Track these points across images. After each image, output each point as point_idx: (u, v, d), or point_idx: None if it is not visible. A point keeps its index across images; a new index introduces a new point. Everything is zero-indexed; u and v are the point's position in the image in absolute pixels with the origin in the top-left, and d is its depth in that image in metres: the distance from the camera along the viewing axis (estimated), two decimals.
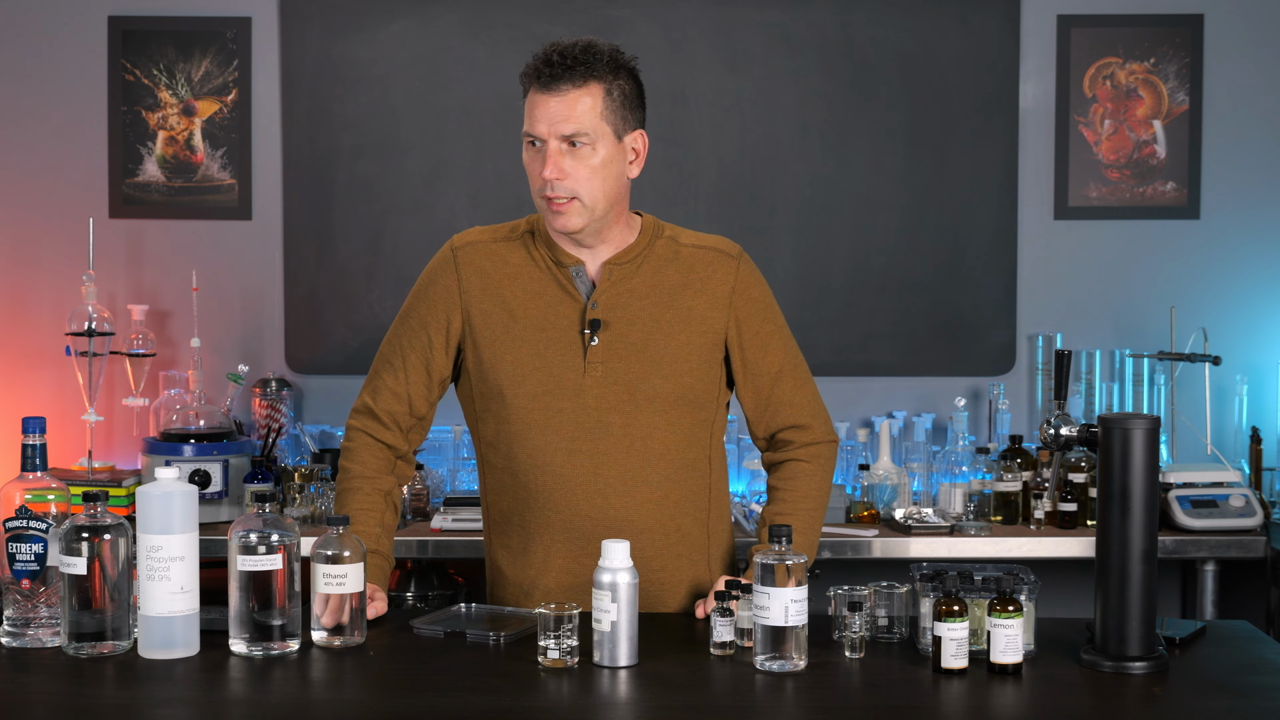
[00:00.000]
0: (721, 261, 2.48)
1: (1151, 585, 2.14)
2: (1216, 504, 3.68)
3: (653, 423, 2.42)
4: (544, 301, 2.43)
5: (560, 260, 2.43)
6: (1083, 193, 4.16)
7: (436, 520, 3.66)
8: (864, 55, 4.13)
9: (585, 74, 2.35)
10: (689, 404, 2.45)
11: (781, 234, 4.12)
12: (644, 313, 2.43)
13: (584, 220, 2.38)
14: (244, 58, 4.15)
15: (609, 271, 2.43)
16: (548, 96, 2.36)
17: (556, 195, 2.35)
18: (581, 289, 2.43)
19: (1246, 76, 4.14)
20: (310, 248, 4.17)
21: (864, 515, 3.77)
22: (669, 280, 2.45)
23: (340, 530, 2.25)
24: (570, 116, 2.34)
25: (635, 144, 2.42)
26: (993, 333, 4.16)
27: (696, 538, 2.50)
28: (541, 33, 4.10)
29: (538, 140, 2.38)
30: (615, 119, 2.38)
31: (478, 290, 2.44)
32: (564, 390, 2.41)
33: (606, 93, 2.36)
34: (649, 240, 2.47)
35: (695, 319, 2.45)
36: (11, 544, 2.26)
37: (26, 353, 4.17)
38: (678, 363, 2.43)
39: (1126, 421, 2.14)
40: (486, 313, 2.44)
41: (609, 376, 2.41)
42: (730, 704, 2.02)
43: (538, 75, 2.38)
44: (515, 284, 2.44)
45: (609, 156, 2.37)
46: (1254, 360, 4.12)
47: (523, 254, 2.46)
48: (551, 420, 2.41)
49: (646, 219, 2.50)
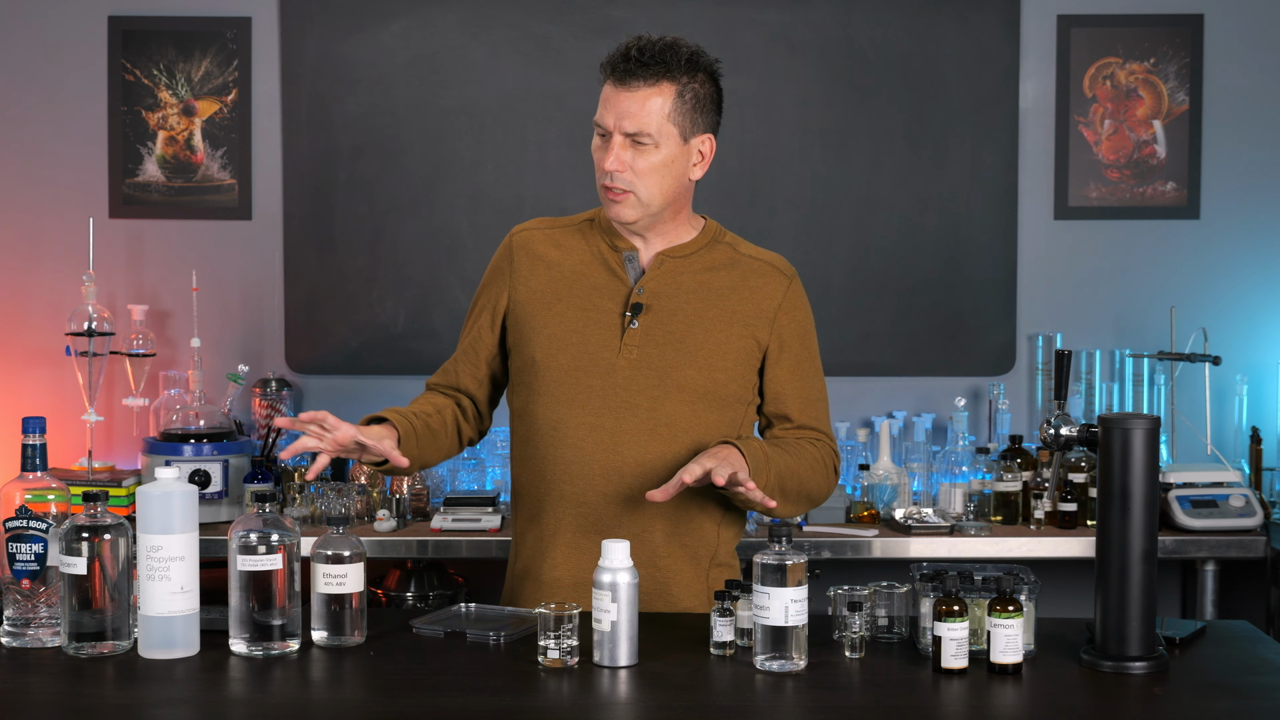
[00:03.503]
0: (775, 276, 2.51)
1: (1151, 585, 2.14)
2: (1216, 504, 3.68)
3: (678, 411, 2.42)
4: (591, 282, 2.47)
5: (615, 245, 2.48)
6: (1083, 193, 4.16)
7: (436, 520, 3.66)
8: (864, 55, 4.13)
9: (660, 73, 2.37)
10: (717, 400, 2.45)
11: (781, 234, 4.12)
12: (688, 305, 2.45)
13: (638, 214, 2.42)
14: (244, 58, 4.15)
15: (660, 261, 2.47)
16: (620, 90, 2.38)
17: (615, 186, 2.39)
18: (631, 274, 2.47)
19: (1246, 76, 4.14)
20: (310, 248, 4.17)
21: (864, 515, 3.77)
22: (720, 281, 2.48)
23: (340, 530, 2.26)
24: (637, 115, 2.37)
25: (702, 147, 2.44)
26: (993, 333, 4.16)
27: (705, 534, 2.49)
28: (541, 33, 4.11)
29: (605, 131, 2.40)
30: (684, 121, 2.39)
31: (526, 270, 2.49)
32: (597, 368, 2.42)
33: (679, 94, 2.38)
34: (708, 241, 2.51)
35: (738, 322, 2.46)
36: (11, 544, 2.26)
37: (26, 353, 4.17)
38: (714, 358, 2.44)
39: (1126, 421, 2.14)
40: (533, 289, 2.48)
41: (643, 360, 2.42)
42: (730, 704, 2.02)
43: (614, 68, 2.40)
44: (565, 264, 2.48)
45: (671, 157, 2.40)
46: (1254, 360, 4.12)
47: (578, 239, 2.51)
48: (579, 395, 2.43)
49: (711, 223, 2.55)
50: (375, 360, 4.17)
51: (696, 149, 2.43)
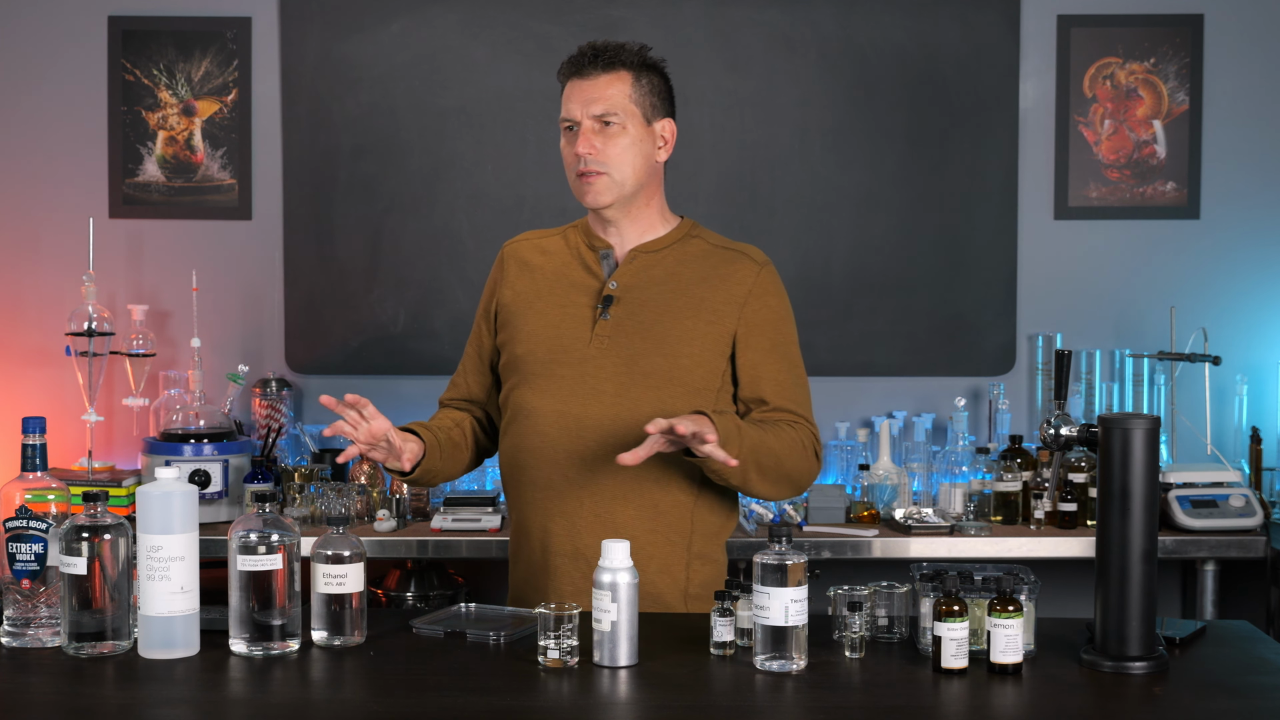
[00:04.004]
0: (745, 264, 2.57)
1: (1151, 585, 2.14)
2: (1216, 504, 3.68)
3: (644, 397, 2.48)
4: (569, 280, 2.58)
5: (592, 244, 2.59)
6: (1083, 193, 4.16)
7: (436, 520, 3.66)
8: (864, 55, 4.13)
9: (616, 63, 2.53)
10: (684, 386, 2.49)
11: (781, 234, 4.12)
12: (658, 297, 2.53)
13: (613, 195, 2.53)
14: (244, 58, 4.15)
15: (633, 256, 2.57)
16: (582, 81, 2.53)
17: (589, 169, 2.51)
18: (606, 270, 2.58)
19: (1246, 76, 4.14)
20: (310, 248, 4.17)
21: (864, 515, 3.77)
22: (690, 272, 2.56)
23: (340, 530, 2.26)
24: (601, 97, 2.51)
25: (664, 131, 2.58)
26: (993, 333, 4.16)
27: (676, 518, 2.51)
28: (541, 33, 4.11)
29: (573, 124, 2.53)
30: (644, 104, 2.54)
31: (514, 275, 2.63)
32: (569, 359, 2.52)
33: (635, 80, 2.53)
34: (681, 236, 2.60)
35: (706, 309, 2.52)
36: (11, 544, 2.26)
37: (26, 353, 4.17)
38: (679, 345, 2.50)
39: (1126, 421, 2.14)
40: (518, 291, 2.61)
41: (612, 350, 2.51)
42: (730, 704, 2.02)
43: (573, 66, 2.56)
44: (548, 267, 2.61)
45: (638, 137, 2.53)
46: (1254, 360, 4.12)
47: (560, 243, 2.64)
48: (551, 385, 2.52)
49: (685, 220, 2.64)
50: (375, 360, 4.17)
51: (659, 133, 2.56)
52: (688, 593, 2.52)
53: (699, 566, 2.54)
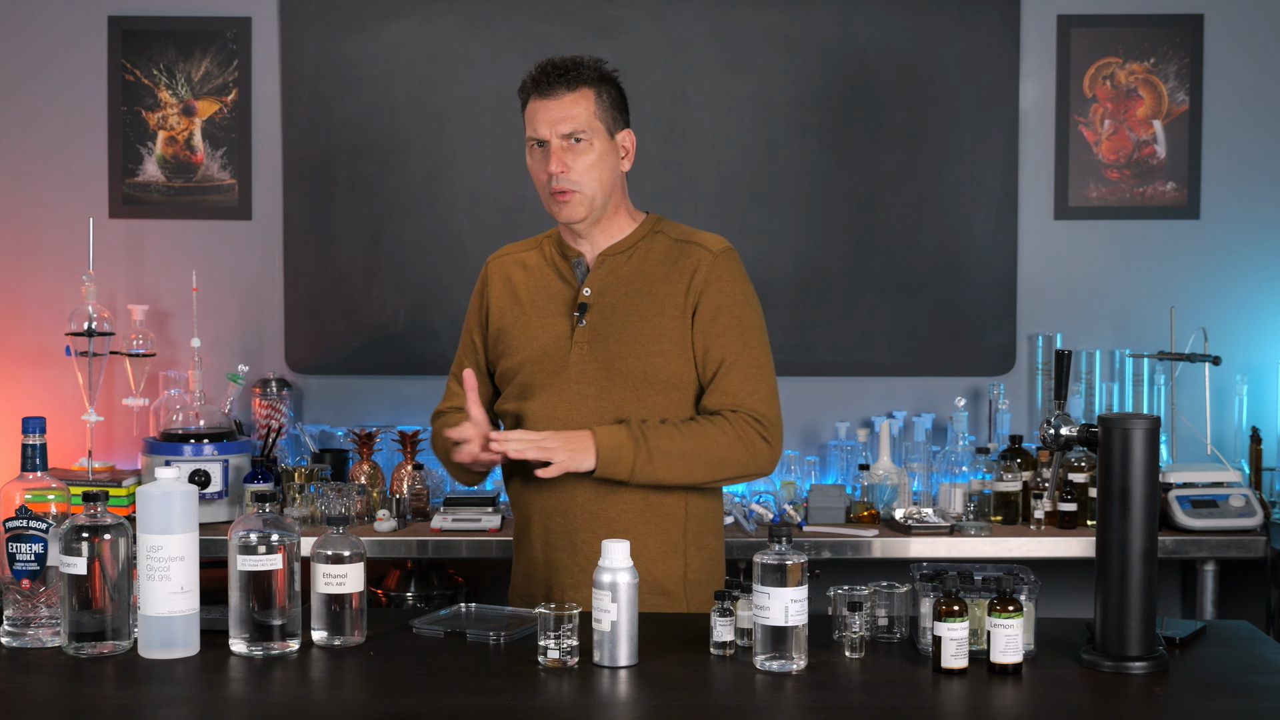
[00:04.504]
0: (698, 253, 2.64)
1: (1151, 585, 2.14)
2: (1216, 504, 3.68)
3: (625, 398, 2.58)
4: (548, 291, 2.67)
5: (565, 254, 2.68)
6: (1083, 193, 4.16)
7: (436, 520, 3.66)
8: (864, 55, 4.12)
9: (577, 80, 2.60)
10: (661, 383, 2.58)
11: (781, 234, 4.11)
12: (627, 299, 2.62)
13: (585, 210, 2.61)
14: (244, 58, 4.15)
15: (601, 261, 2.66)
16: (547, 101, 2.61)
17: (561, 188, 2.58)
18: (579, 277, 2.66)
19: (1246, 76, 4.14)
20: (310, 248, 4.17)
21: (864, 515, 3.77)
22: (654, 270, 2.64)
23: (340, 530, 2.26)
24: (568, 116, 2.59)
25: (625, 142, 2.66)
26: (993, 333, 4.16)
27: (669, 506, 2.59)
28: (541, 33, 4.10)
29: (541, 142, 2.61)
30: (606, 118, 2.62)
31: (499, 291, 2.72)
32: (552, 366, 2.62)
33: (597, 96, 2.61)
34: (645, 234, 2.68)
35: (669, 305, 2.61)
36: (11, 544, 2.26)
37: (26, 353, 4.17)
38: (650, 343, 2.59)
39: (1126, 421, 2.14)
40: (502, 309, 2.71)
41: (591, 354, 2.60)
42: (730, 704, 2.02)
43: (535, 85, 2.63)
44: (528, 281, 2.70)
45: (604, 151, 2.61)
46: (1254, 360, 4.12)
47: (537, 256, 2.72)
48: (538, 392, 2.62)
49: (649, 217, 2.70)
50: (375, 360, 4.17)
51: (621, 144, 2.65)
52: (686, 578, 2.60)
53: (695, 552, 2.63)
